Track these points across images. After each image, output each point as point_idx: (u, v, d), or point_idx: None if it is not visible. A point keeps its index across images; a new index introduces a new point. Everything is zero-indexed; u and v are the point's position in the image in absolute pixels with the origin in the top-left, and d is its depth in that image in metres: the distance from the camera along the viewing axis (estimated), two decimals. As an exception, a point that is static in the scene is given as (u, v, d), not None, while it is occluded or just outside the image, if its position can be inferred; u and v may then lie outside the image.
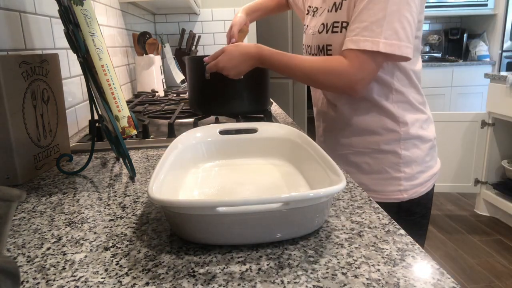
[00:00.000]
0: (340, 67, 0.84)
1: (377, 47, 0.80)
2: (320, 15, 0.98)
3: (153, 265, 0.43)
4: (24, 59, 0.71)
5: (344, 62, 0.83)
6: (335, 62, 0.85)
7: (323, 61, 0.87)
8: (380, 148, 0.95)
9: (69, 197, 0.64)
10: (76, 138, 1.04)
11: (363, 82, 0.85)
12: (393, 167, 0.95)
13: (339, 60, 0.84)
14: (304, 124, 3.70)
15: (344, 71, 0.83)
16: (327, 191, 0.44)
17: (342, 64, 0.83)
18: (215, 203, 0.44)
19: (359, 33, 0.81)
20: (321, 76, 0.86)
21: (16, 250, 0.47)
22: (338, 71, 0.84)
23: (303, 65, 0.88)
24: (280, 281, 0.39)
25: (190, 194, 0.61)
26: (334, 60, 0.85)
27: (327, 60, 0.86)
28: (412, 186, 0.95)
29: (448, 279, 0.39)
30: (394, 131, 0.94)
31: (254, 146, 0.74)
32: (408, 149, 0.94)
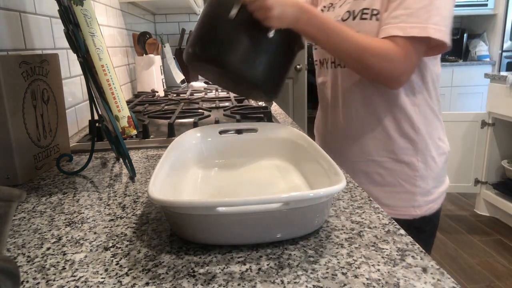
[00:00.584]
0: (391, 52, 0.75)
1: (426, 32, 0.73)
2: (341, 6, 0.90)
3: (153, 265, 0.43)
4: (24, 59, 0.71)
5: (394, 48, 0.75)
6: (386, 46, 0.75)
7: (374, 41, 0.77)
8: (396, 157, 0.87)
9: (69, 197, 0.64)
10: (76, 138, 1.04)
11: (408, 73, 0.78)
12: (408, 180, 0.87)
13: (389, 45, 0.75)
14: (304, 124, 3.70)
15: (396, 57, 0.75)
16: (327, 191, 0.44)
17: (393, 50, 0.75)
18: (215, 203, 0.44)
19: (405, 19, 0.74)
20: (371, 57, 0.75)
21: (16, 250, 0.47)
22: (390, 56, 0.75)
23: (356, 39, 0.75)
24: (280, 281, 0.39)
25: (190, 194, 0.61)
26: (384, 43, 0.76)
27: (377, 42, 0.76)
28: (426, 202, 0.88)
29: (448, 279, 0.39)
30: (411, 139, 0.86)
31: (254, 146, 0.74)
32: (426, 161, 0.87)
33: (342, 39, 0.74)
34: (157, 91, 1.83)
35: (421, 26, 0.73)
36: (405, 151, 0.86)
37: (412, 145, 0.86)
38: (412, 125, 0.86)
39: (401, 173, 0.87)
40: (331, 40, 0.75)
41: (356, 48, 0.75)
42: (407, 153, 0.86)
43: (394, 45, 0.75)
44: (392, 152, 0.87)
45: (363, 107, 0.89)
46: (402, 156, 0.87)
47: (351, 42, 0.75)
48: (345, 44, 0.75)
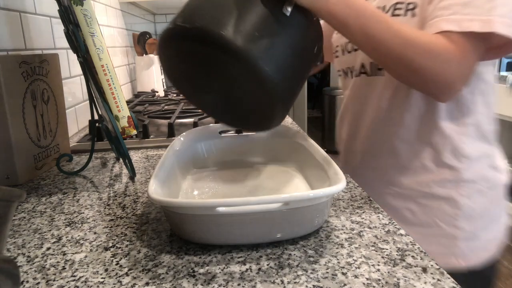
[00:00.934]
0: (446, 51, 0.57)
1: (490, 26, 0.55)
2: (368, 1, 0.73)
3: (153, 265, 0.43)
4: (24, 59, 0.71)
5: (449, 46, 0.57)
6: (440, 42, 0.57)
7: (424, 36, 0.58)
8: (432, 191, 0.69)
9: (69, 197, 0.64)
10: (76, 138, 1.04)
11: (464, 80, 0.60)
12: (447, 220, 0.68)
13: (442, 41, 0.57)
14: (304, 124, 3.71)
15: (452, 58, 0.57)
16: (327, 191, 0.44)
17: (448, 48, 0.57)
18: (215, 203, 0.44)
19: (459, 10, 0.57)
20: (420, 55, 0.57)
21: (16, 250, 0.47)
22: (445, 56, 0.57)
23: (401, 30, 0.57)
24: (280, 281, 0.39)
25: (190, 194, 0.61)
26: (437, 39, 0.58)
27: (428, 37, 0.58)
28: (472, 250, 0.68)
29: (448, 279, 0.39)
30: (452, 167, 0.68)
31: (254, 146, 0.74)
32: (471, 196, 0.68)
33: (382, 28, 0.56)
34: (157, 91, 1.83)
35: (482, 19, 0.56)
36: (444, 183, 0.68)
37: (453, 176, 0.68)
38: (454, 151, 0.68)
39: (438, 210, 0.69)
40: (366, 28, 0.56)
41: (401, 41, 0.56)
42: (446, 185, 0.68)
43: (448, 42, 0.57)
44: (426, 184, 0.69)
45: (390, 127, 0.72)
46: (439, 189, 0.68)
47: (394, 33, 0.56)
48: (385, 34, 0.56)
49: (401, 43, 0.57)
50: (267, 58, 0.47)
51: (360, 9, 0.56)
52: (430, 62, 0.57)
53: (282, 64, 0.49)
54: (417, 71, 0.58)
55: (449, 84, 0.59)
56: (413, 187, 0.70)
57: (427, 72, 0.58)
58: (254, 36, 0.47)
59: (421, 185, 0.70)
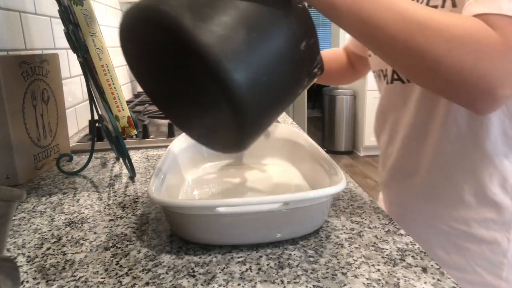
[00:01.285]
0: (485, 39, 0.40)
1: None
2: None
3: (153, 265, 0.43)
4: (24, 59, 0.71)
5: (489, 33, 0.41)
6: (475, 26, 0.41)
7: (451, 17, 0.42)
8: (471, 231, 0.57)
9: (69, 197, 0.64)
10: (76, 138, 1.04)
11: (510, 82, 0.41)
12: (489, 267, 0.56)
13: (480, 26, 0.41)
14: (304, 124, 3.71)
15: (497, 49, 0.40)
16: (327, 191, 0.44)
17: (488, 34, 0.41)
18: (215, 203, 0.44)
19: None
20: (444, 44, 0.40)
21: (16, 250, 0.47)
22: (482, 45, 0.40)
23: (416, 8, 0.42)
24: (280, 281, 0.39)
25: (190, 194, 0.61)
26: (472, 22, 0.42)
27: (458, 19, 0.42)
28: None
29: (448, 279, 0.39)
30: (499, 205, 0.55)
31: (254, 146, 0.74)
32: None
33: (381, 8, 0.41)
34: (157, 91, 1.82)
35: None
36: (487, 222, 0.56)
37: (500, 215, 0.56)
38: (504, 184, 0.55)
39: (479, 255, 0.57)
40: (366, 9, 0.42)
41: (413, 22, 0.41)
42: (489, 225, 0.56)
43: (487, 28, 0.41)
44: (464, 221, 0.57)
45: (424, 146, 0.61)
46: (480, 230, 0.57)
47: (400, 13, 0.41)
48: (387, 16, 0.41)
49: (414, 26, 0.40)
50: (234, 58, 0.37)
51: None
52: (460, 54, 0.40)
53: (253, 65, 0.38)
54: (439, 67, 0.41)
55: (492, 87, 0.41)
56: (448, 222, 0.59)
57: (456, 70, 0.41)
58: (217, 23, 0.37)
59: (458, 222, 0.58)
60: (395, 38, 0.41)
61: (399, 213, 0.67)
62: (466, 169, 0.56)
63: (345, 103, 3.84)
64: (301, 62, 0.43)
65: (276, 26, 0.40)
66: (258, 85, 0.39)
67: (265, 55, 0.39)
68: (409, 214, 0.64)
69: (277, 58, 0.40)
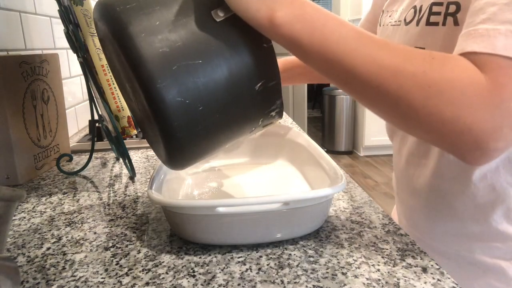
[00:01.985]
0: (472, 86, 0.35)
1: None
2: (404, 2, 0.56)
3: (153, 265, 0.43)
4: (24, 59, 0.71)
5: (477, 77, 0.35)
6: (460, 68, 0.35)
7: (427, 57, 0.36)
8: (474, 257, 0.55)
9: (69, 197, 0.64)
10: (76, 138, 1.04)
11: (505, 135, 0.35)
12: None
13: (466, 68, 0.35)
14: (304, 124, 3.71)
15: (483, 97, 0.34)
16: (327, 191, 0.44)
17: (475, 80, 0.35)
18: (215, 203, 0.44)
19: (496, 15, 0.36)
20: (418, 92, 0.35)
21: (16, 250, 0.47)
22: (470, 95, 0.34)
23: (386, 50, 0.36)
24: (280, 281, 0.39)
25: (190, 194, 0.61)
26: (456, 62, 0.36)
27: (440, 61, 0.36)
28: None
29: (448, 279, 0.39)
30: (504, 234, 0.52)
31: (254, 146, 0.74)
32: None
33: (353, 48, 0.36)
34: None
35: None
36: (492, 250, 0.53)
37: (505, 243, 0.53)
38: (507, 213, 0.52)
39: (482, 281, 0.55)
40: (326, 49, 0.37)
41: (385, 66, 0.36)
42: (494, 253, 0.53)
43: (475, 71, 0.35)
44: (468, 249, 0.55)
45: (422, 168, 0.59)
46: (483, 257, 0.54)
47: (374, 56, 0.36)
48: (363, 58, 0.36)
49: (384, 73, 0.35)
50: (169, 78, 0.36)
51: (315, 20, 0.37)
52: (438, 104, 0.35)
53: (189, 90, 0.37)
54: (417, 118, 0.36)
55: (481, 141, 0.35)
56: (452, 246, 0.56)
57: (435, 121, 0.35)
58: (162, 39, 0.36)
59: (461, 246, 0.55)
60: (366, 83, 0.36)
61: (408, 227, 0.65)
62: (467, 197, 0.53)
63: (345, 103, 3.84)
64: (253, 101, 0.41)
65: (228, 59, 0.39)
66: (192, 112, 0.38)
67: (206, 84, 0.38)
68: (415, 231, 0.62)
69: (221, 90, 0.39)
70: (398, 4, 0.59)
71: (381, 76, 0.36)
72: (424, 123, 0.36)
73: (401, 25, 0.54)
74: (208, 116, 0.39)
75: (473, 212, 0.53)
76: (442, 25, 0.47)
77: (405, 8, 0.55)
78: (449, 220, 0.56)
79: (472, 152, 0.37)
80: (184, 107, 0.37)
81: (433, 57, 0.36)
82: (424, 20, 0.50)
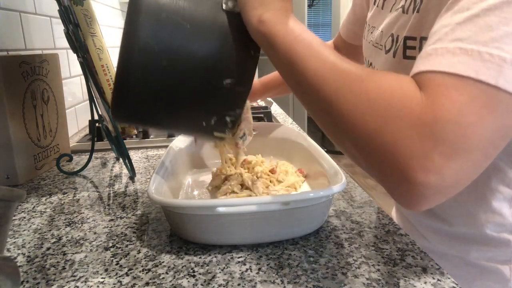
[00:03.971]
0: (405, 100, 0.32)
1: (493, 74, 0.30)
2: (391, 10, 0.55)
3: (153, 265, 0.43)
4: (24, 59, 0.71)
5: (414, 95, 0.32)
6: (400, 86, 0.33)
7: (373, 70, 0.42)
8: (471, 259, 0.56)
9: (69, 197, 0.64)
10: (76, 138, 1.04)
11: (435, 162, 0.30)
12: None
13: (407, 86, 0.33)
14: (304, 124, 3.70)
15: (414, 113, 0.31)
16: (327, 191, 0.44)
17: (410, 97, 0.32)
18: (215, 203, 0.44)
19: (447, 35, 0.33)
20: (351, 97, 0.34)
21: (16, 250, 0.47)
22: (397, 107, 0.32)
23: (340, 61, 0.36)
24: (280, 281, 0.39)
25: (190, 194, 0.61)
26: (399, 82, 0.33)
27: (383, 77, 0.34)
28: None
29: (448, 279, 0.39)
30: (497, 240, 0.53)
31: (254, 146, 0.74)
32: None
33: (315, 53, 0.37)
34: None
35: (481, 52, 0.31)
36: (486, 253, 0.54)
37: (498, 247, 0.53)
38: (500, 225, 0.52)
39: (479, 282, 0.56)
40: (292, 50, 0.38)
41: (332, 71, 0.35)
42: (488, 256, 0.54)
43: (412, 88, 0.32)
44: (462, 249, 0.56)
45: None
46: (478, 259, 0.55)
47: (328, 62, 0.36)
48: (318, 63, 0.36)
49: (329, 77, 0.35)
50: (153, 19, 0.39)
51: (294, 30, 0.38)
52: (365, 113, 0.32)
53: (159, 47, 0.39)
54: (343, 127, 0.34)
55: (404, 165, 0.31)
56: (446, 245, 0.57)
57: (358, 131, 0.33)
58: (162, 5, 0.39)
59: (457, 248, 0.56)
60: (312, 85, 0.36)
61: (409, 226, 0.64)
62: (459, 204, 0.54)
63: (345, 103, 3.83)
64: (215, 93, 0.42)
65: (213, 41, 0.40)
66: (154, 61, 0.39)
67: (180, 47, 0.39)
68: (414, 230, 0.62)
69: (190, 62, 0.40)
70: (379, 22, 0.58)
71: (324, 80, 0.35)
72: (351, 134, 0.34)
73: (383, 50, 0.54)
74: (166, 76, 0.40)
75: (466, 219, 0.54)
76: (405, 12, 0.48)
77: (384, 32, 0.55)
78: (443, 223, 0.57)
79: (399, 184, 0.32)
80: (149, 51, 0.39)
81: (381, 74, 0.35)
82: (401, 53, 0.49)
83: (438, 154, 0.29)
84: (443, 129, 0.29)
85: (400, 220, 0.68)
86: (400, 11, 0.51)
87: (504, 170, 0.50)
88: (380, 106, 0.32)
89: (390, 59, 0.52)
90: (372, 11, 0.62)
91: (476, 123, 0.30)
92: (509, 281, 0.53)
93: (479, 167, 0.32)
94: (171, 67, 0.39)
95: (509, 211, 0.51)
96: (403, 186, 0.31)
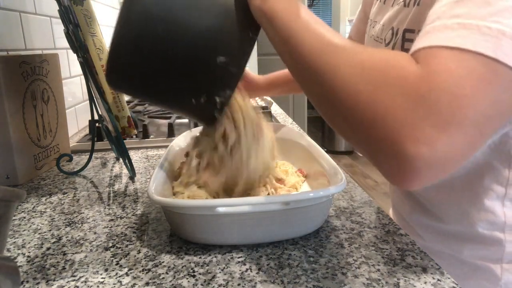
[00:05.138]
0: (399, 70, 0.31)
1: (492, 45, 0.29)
2: (393, 4, 0.55)
3: (153, 265, 0.43)
4: (24, 59, 0.71)
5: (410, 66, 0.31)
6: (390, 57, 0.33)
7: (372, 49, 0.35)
8: (464, 257, 0.56)
9: (69, 197, 0.64)
10: (76, 138, 1.04)
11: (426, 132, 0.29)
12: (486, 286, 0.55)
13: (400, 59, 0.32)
14: (304, 124, 3.70)
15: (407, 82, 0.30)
16: (327, 191, 0.44)
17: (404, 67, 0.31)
18: (215, 203, 0.44)
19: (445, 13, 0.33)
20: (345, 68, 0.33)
21: (16, 250, 0.47)
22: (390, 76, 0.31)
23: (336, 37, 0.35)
24: (280, 281, 0.39)
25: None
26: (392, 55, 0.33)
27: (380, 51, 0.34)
28: None
29: (448, 279, 0.39)
30: (490, 239, 0.53)
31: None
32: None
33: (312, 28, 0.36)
34: (157, 91, 1.82)
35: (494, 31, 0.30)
36: (479, 252, 0.55)
37: (491, 246, 0.54)
38: (492, 223, 0.53)
39: (475, 283, 0.56)
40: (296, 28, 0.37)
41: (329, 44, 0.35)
42: (481, 255, 0.55)
43: (408, 60, 0.32)
44: (456, 248, 0.57)
45: None
46: (471, 258, 0.56)
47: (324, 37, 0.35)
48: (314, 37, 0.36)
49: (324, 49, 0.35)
50: None
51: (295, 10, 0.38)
52: (358, 83, 0.32)
53: None
54: (335, 98, 0.33)
55: (394, 137, 0.30)
56: (440, 243, 0.58)
57: (350, 102, 0.32)
58: None
59: (451, 246, 0.56)
60: (308, 59, 0.35)
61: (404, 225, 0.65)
62: (452, 203, 0.55)
63: (345, 103, 3.83)
64: (207, 69, 0.41)
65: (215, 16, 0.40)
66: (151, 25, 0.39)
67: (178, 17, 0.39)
68: (410, 228, 0.63)
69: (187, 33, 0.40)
70: (380, 16, 0.59)
71: (321, 52, 0.34)
72: (343, 105, 0.32)
73: (382, 43, 0.55)
74: (161, 44, 0.40)
75: (459, 217, 0.54)
76: (406, 6, 0.49)
77: (385, 26, 0.55)
78: (437, 221, 0.58)
79: (389, 157, 0.31)
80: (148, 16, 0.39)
81: (378, 49, 0.35)
82: (399, 46, 0.49)
83: (430, 125, 0.29)
84: (437, 99, 0.29)
85: (396, 218, 0.68)
86: (401, 4, 0.51)
87: (497, 169, 0.50)
88: (373, 75, 0.31)
89: None
90: (375, 7, 0.63)
91: (472, 95, 0.29)
92: (500, 280, 0.53)
93: (472, 144, 0.31)
94: (167, 34, 0.39)
95: (501, 209, 0.51)
96: (393, 159, 0.30)
